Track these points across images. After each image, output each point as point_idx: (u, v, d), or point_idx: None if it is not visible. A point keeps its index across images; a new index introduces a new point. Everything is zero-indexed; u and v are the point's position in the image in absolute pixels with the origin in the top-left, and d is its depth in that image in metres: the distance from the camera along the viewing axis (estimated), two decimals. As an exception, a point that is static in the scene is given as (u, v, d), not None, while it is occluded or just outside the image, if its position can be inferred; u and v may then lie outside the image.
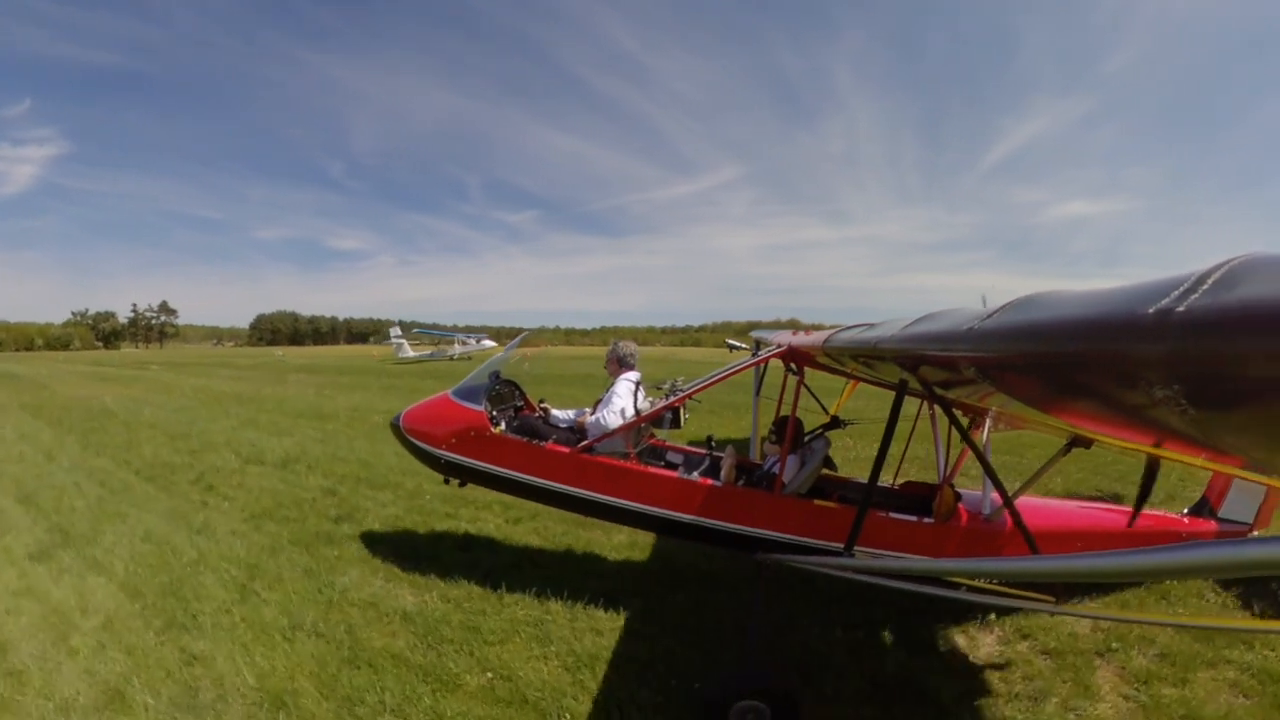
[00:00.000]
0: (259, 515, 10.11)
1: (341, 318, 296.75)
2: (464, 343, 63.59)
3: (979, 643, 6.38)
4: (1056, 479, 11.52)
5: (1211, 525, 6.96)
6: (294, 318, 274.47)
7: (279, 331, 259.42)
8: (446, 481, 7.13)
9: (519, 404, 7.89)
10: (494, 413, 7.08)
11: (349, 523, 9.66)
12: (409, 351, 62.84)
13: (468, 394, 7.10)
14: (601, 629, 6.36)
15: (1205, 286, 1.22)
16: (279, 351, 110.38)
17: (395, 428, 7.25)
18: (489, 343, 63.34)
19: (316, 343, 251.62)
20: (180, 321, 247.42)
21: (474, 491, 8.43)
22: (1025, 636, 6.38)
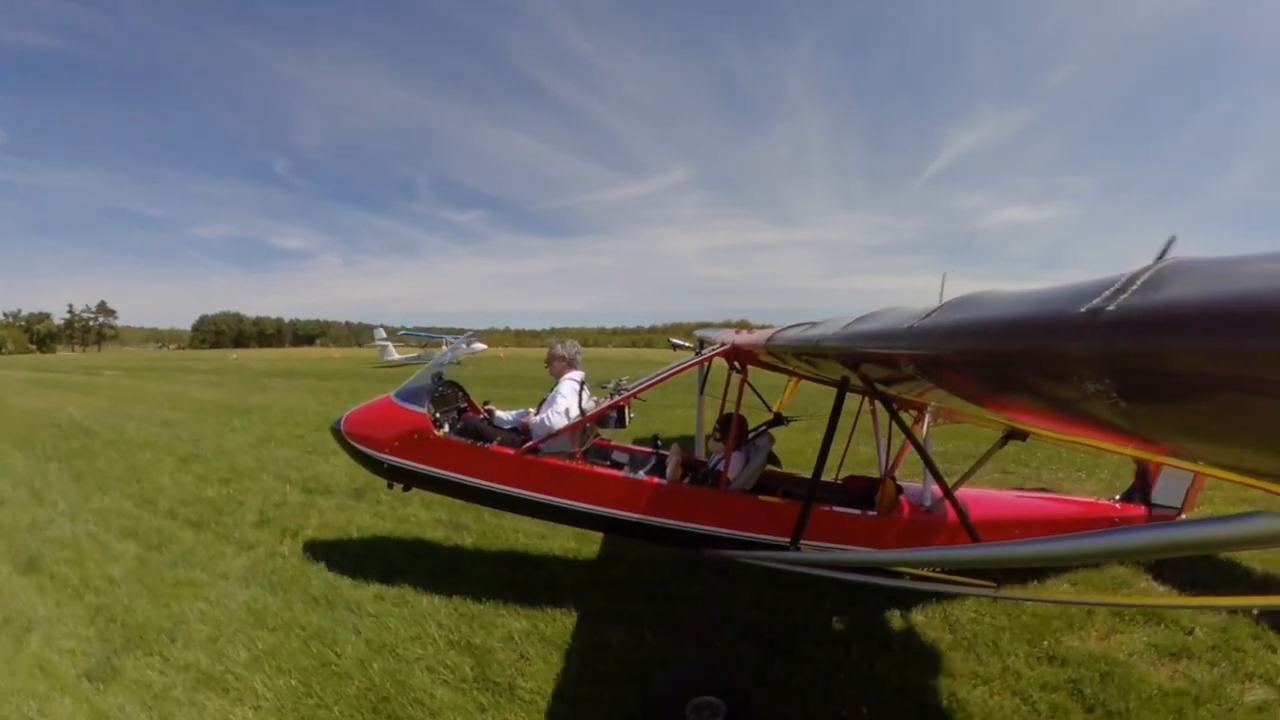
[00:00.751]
0: (397, 571, 7.72)
1: (287, 319, 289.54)
2: (451, 344, 59.87)
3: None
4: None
5: (1142, 510, 7.26)
6: (238, 319, 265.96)
7: (222, 333, 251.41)
8: (390, 486, 7.00)
9: (462, 405, 7.78)
10: (437, 415, 6.97)
11: (534, 569, 8.03)
12: (394, 354, 59.27)
13: (410, 396, 6.97)
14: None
15: (1134, 287, 1.28)
16: (233, 354, 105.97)
17: (336, 432, 7.07)
18: (480, 345, 59.03)
19: (261, 344, 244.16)
20: (118, 323, 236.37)
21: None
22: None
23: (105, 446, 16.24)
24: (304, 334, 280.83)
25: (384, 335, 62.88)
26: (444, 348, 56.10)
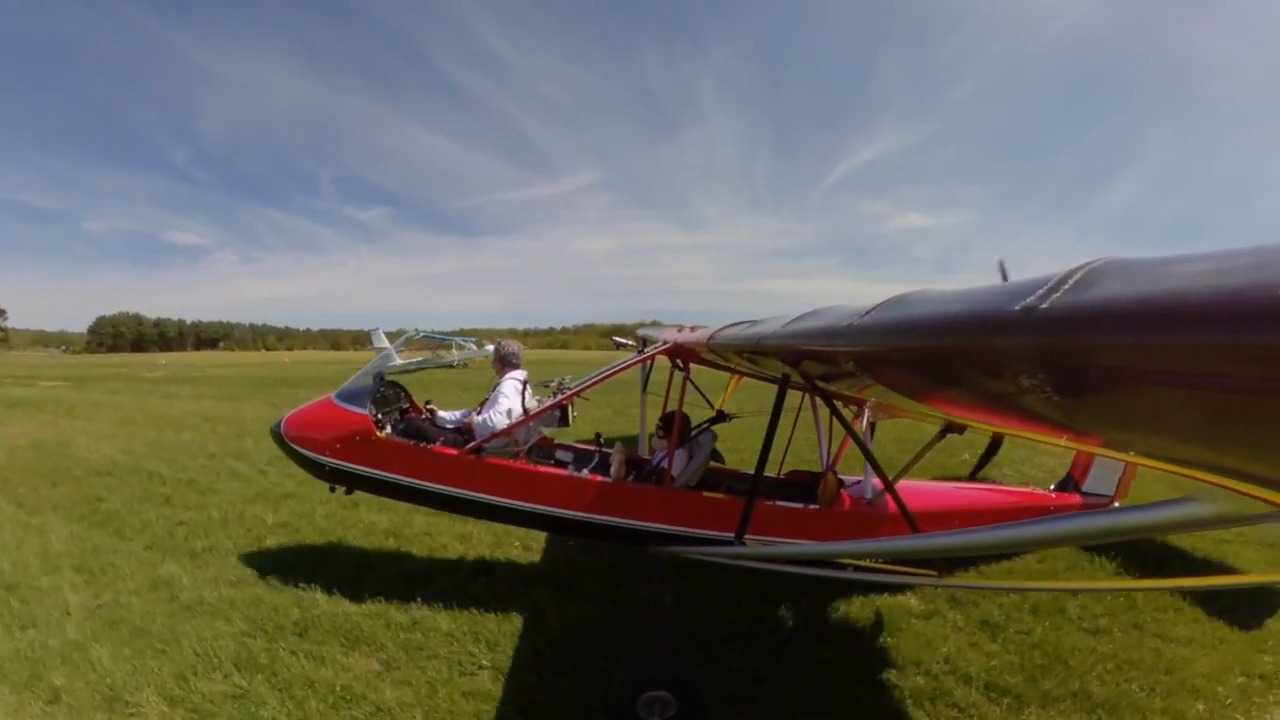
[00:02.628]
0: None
1: (189, 320, 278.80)
2: (462, 347, 54.72)
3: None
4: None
5: (1076, 499, 7.52)
6: (138, 320, 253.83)
7: (121, 336, 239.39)
8: (332, 489, 6.88)
9: (404, 406, 7.66)
10: (379, 416, 6.84)
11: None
12: (395, 359, 54.34)
13: (351, 397, 6.83)
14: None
15: (1066, 286, 1.32)
16: (161, 360, 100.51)
17: (276, 435, 6.90)
18: (491, 347, 55.64)
19: (163, 348, 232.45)
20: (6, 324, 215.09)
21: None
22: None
23: (140, 495, 11.31)
24: (206, 337, 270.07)
25: (383, 340, 57.34)
26: (453, 350, 52.56)
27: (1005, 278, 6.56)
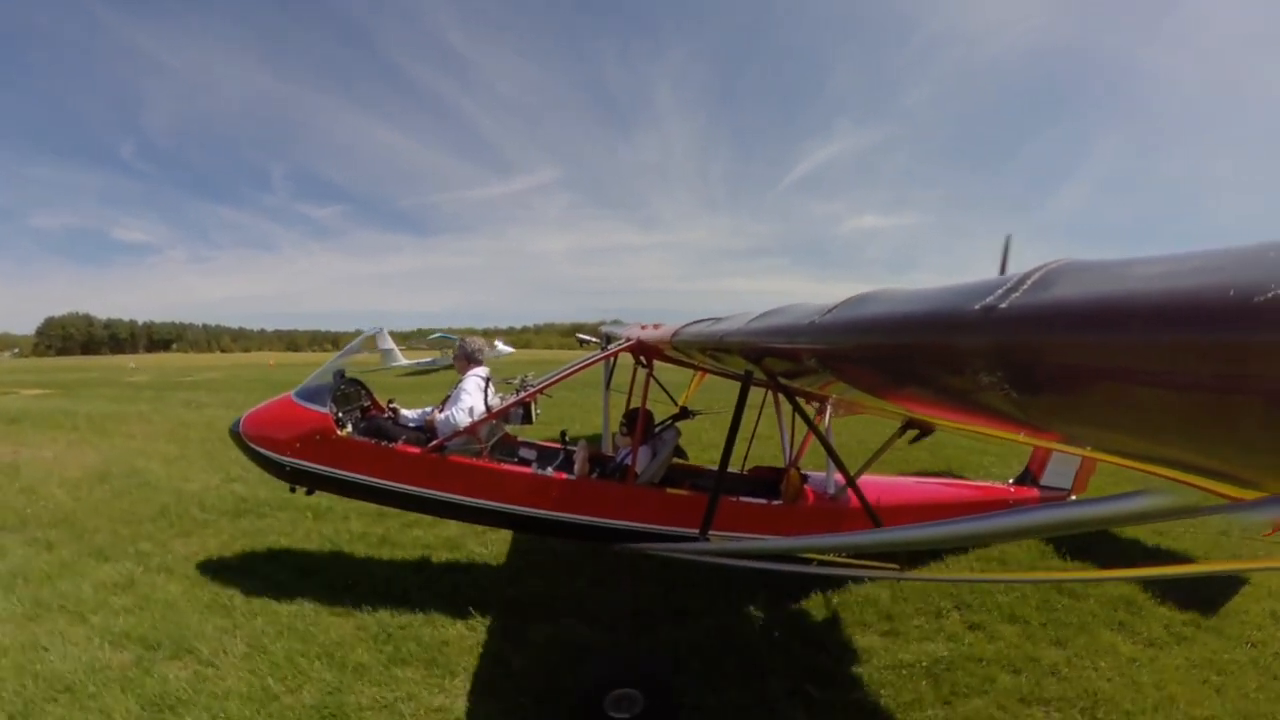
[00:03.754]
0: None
1: (140, 321, 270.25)
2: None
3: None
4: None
5: (1034, 492, 7.67)
6: (88, 321, 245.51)
7: (71, 338, 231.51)
8: (293, 490, 6.75)
9: (366, 404, 7.51)
10: (340, 414, 6.71)
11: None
12: (401, 359, 49.68)
13: (311, 395, 6.70)
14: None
15: (1025, 286, 1.35)
16: (131, 363, 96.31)
17: (235, 434, 6.76)
18: (506, 348, 51.28)
19: (114, 350, 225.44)
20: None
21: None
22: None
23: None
24: (159, 338, 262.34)
25: (388, 341, 51.75)
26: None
27: (1005, 259, 6.71)
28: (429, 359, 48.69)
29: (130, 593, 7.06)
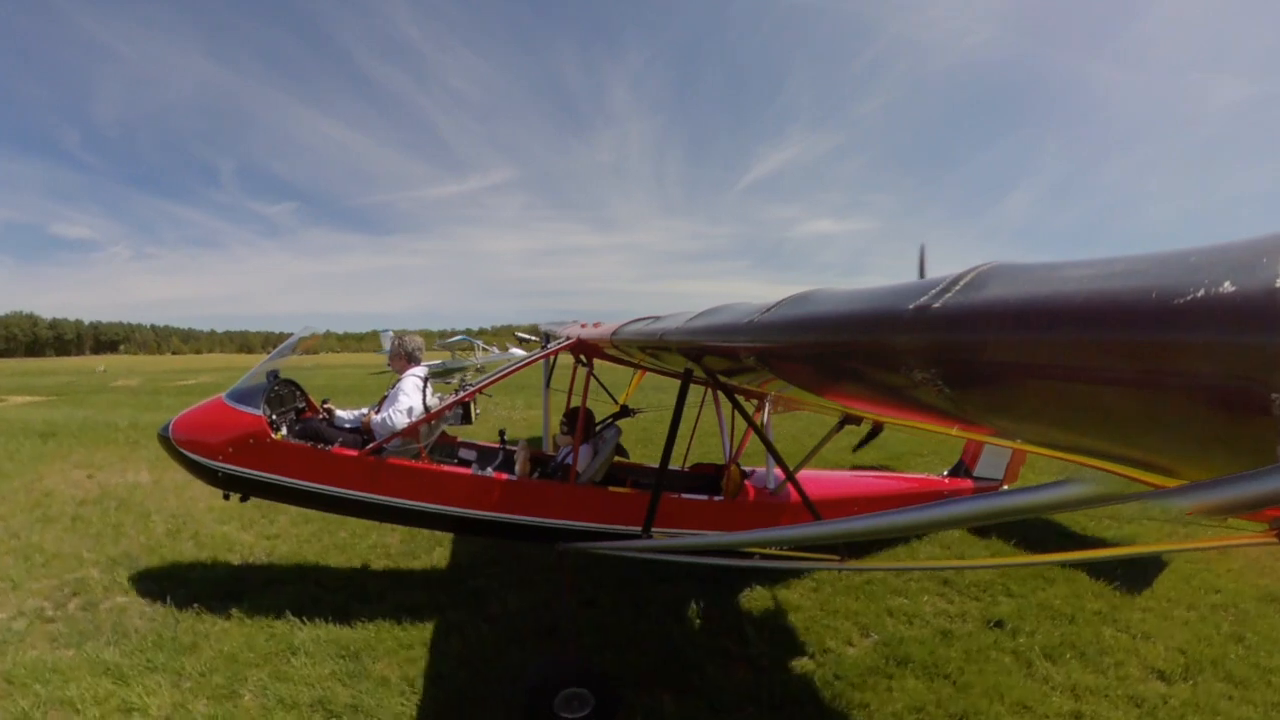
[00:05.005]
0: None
1: (86, 321, 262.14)
2: (486, 349, 47.87)
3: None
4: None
5: (968, 484, 7.93)
6: (32, 321, 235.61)
7: (14, 339, 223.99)
8: (226, 497, 6.54)
9: (300, 406, 7.36)
10: (274, 417, 6.55)
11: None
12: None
13: (244, 397, 6.52)
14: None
15: (958, 287, 1.39)
16: (100, 366, 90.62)
17: (164, 439, 6.52)
18: (518, 351, 46.97)
19: (59, 352, 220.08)
20: None
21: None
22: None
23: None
24: (106, 339, 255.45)
25: (392, 342, 49.79)
26: (476, 352, 45.19)
27: (923, 262, 6.87)
28: (438, 361, 43.25)
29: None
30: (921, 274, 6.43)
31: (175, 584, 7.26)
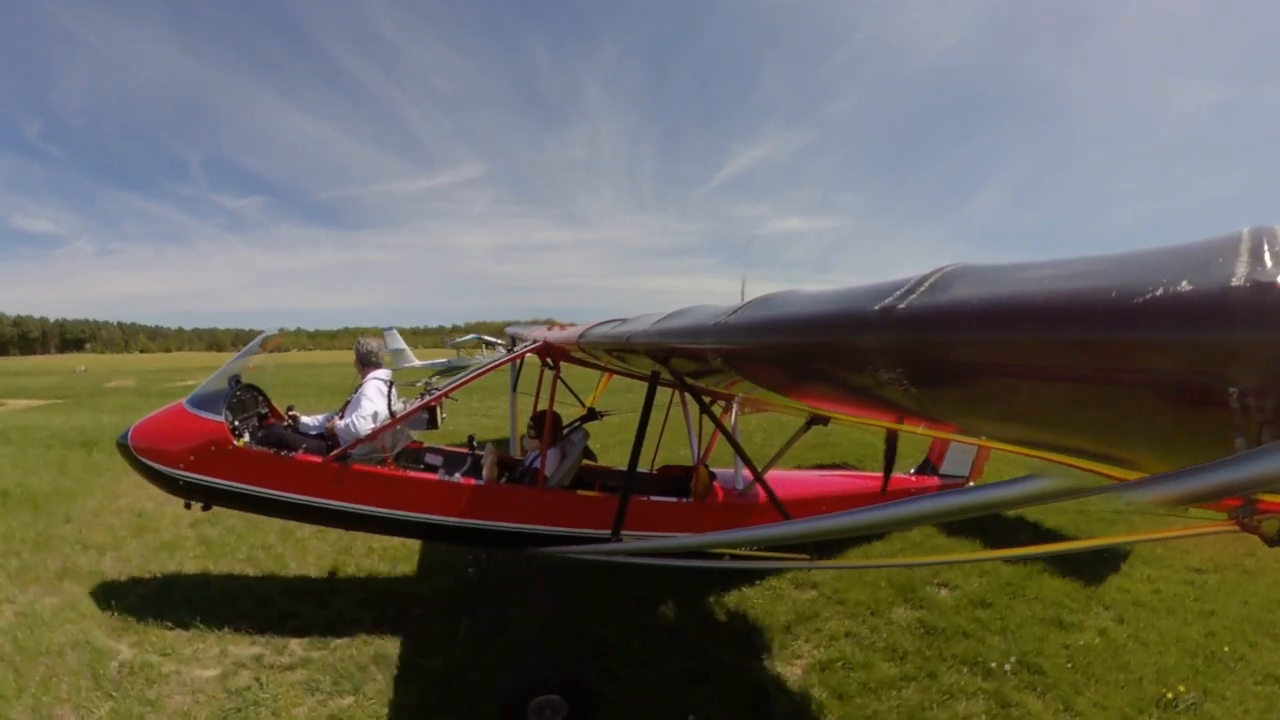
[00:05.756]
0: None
1: (52, 319, 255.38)
2: (493, 347, 44.18)
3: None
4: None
5: (935, 480, 8.04)
6: None
7: None
8: (188, 506, 6.38)
9: (263, 412, 7.16)
10: (236, 423, 6.38)
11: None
12: (413, 360, 44.22)
13: (205, 403, 6.33)
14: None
15: (922, 288, 1.41)
16: (80, 366, 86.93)
17: (122, 447, 6.32)
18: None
19: (24, 351, 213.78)
20: None
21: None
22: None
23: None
24: (71, 337, 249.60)
25: (399, 342, 46.64)
26: (480, 350, 43.89)
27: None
28: (443, 360, 42.94)
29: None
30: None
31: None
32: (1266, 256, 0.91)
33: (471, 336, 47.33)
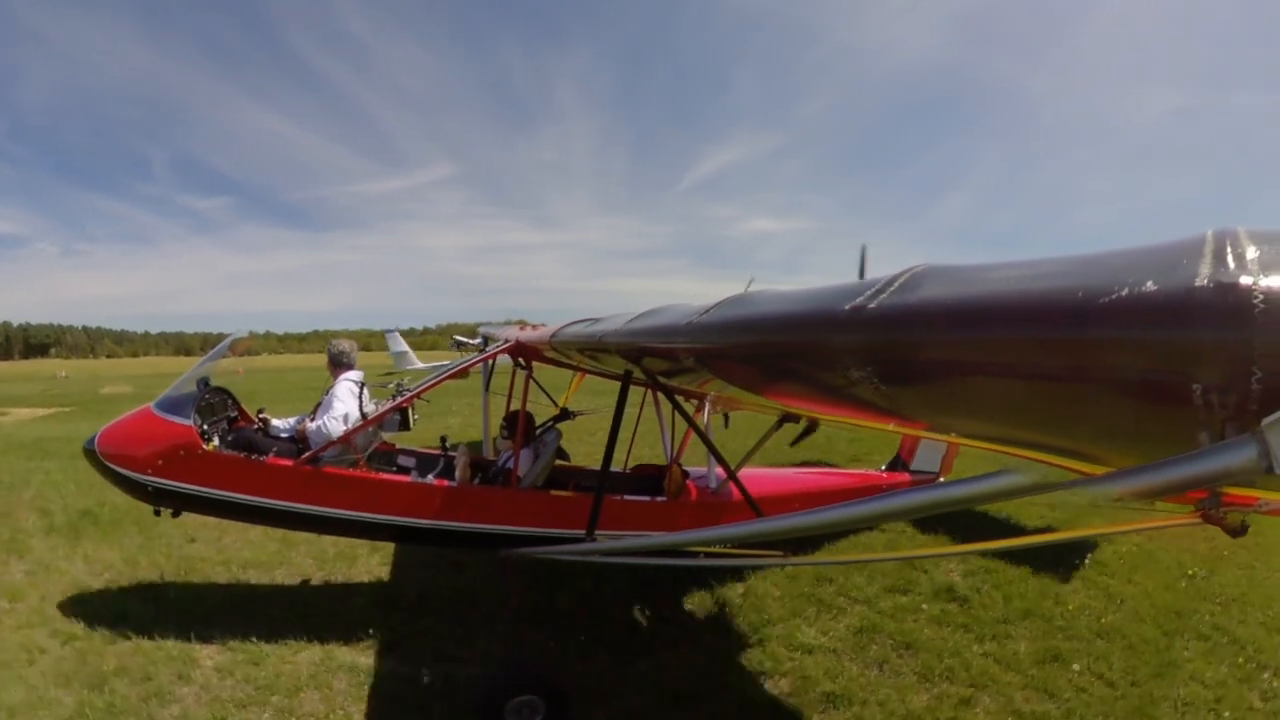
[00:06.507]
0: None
1: (16, 323, 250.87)
2: (466, 347, 42.21)
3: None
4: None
5: (906, 477, 8.14)
6: None
7: None
8: (157, 513, 6.25)
9: (233, 415, 7.03)
10: (205, 426, 6.25)
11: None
12: (415, 361, 43.53)
13: (173, 406, 6.21)
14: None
15: (892, 288, 1.43)
16: (61, 372, 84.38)
17: (89, 453, 6.21)
18: None
19: None
20: None
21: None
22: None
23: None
24: (36, 342, 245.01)
25: (401, 344, 47.02)
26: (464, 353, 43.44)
27: (864, 262, 7.00)
28: (446, 363, 39.57)
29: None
30: (862, 275, 6.58)
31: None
32: (1229, 258, 0.93)
33: (479, 339, 45.44)
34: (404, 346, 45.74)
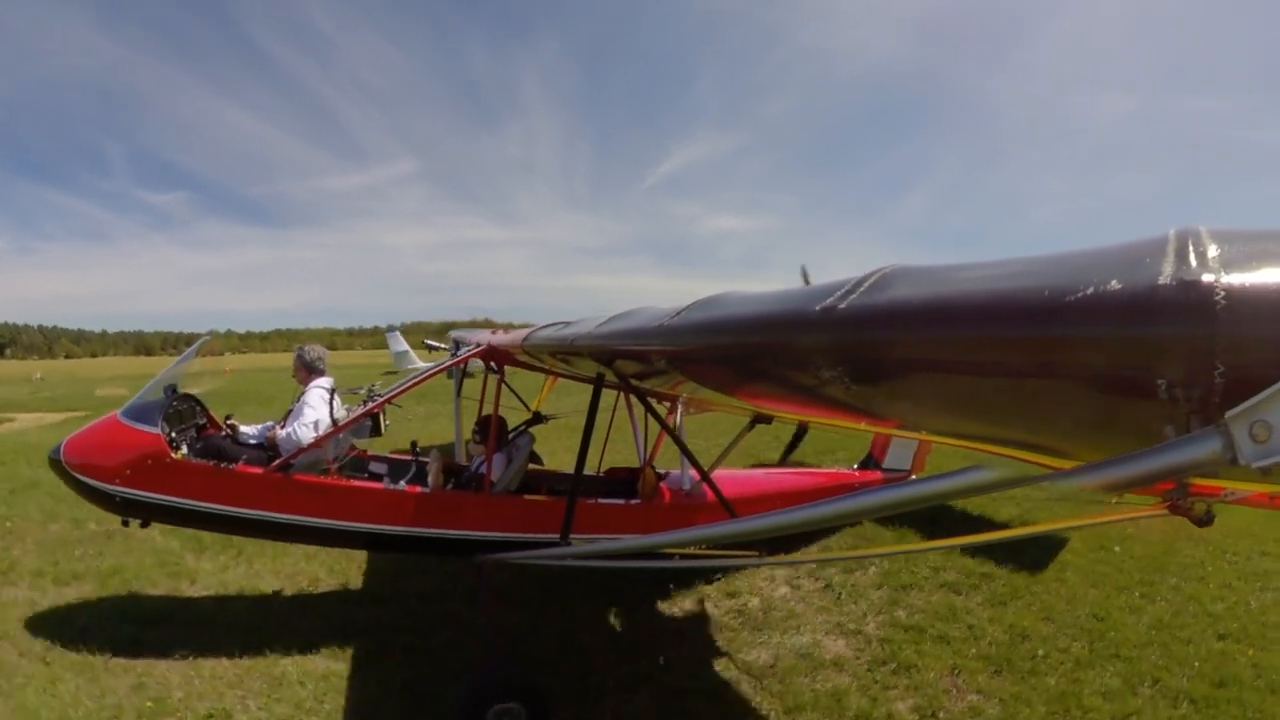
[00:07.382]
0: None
1: None
2: (436, 350, 42.53)
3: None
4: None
5: (878, 475, 8.24)
6: None
7: None
8: (125, 523, 6.09)
9: (201, 422, 6.85)
10: (173, 434, 6.10)
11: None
12: (416, 361, 41.83)
13: (140, 414, 6.07)
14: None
15: (862, 289, 1.45)
16: (37, 374, 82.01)
17: (54, 463, 6.04)
18: None
19: None
20: None
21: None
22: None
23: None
24: None
25: (401, 344, 45.84)
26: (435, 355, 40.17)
27: (807, 281, 7.04)
28: (437, 364, 37.87)
29: None
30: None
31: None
32: (1191, 256, 0.95)
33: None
34: (404, 346, 44.91)
